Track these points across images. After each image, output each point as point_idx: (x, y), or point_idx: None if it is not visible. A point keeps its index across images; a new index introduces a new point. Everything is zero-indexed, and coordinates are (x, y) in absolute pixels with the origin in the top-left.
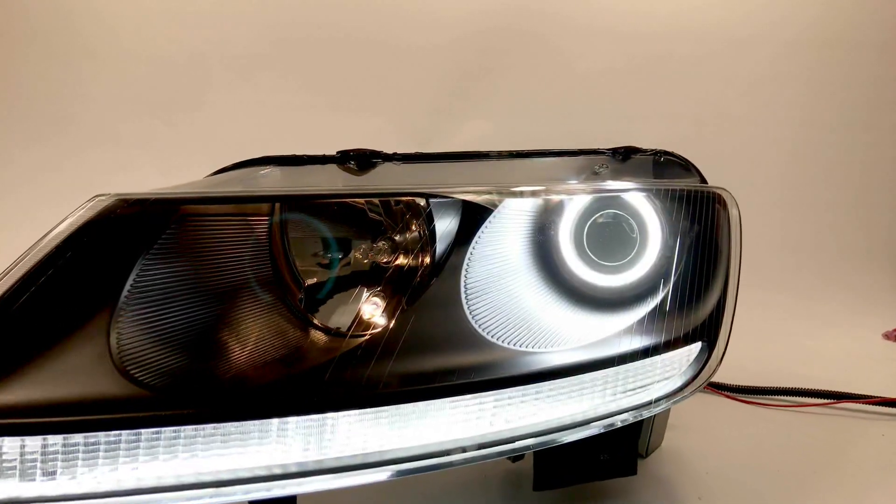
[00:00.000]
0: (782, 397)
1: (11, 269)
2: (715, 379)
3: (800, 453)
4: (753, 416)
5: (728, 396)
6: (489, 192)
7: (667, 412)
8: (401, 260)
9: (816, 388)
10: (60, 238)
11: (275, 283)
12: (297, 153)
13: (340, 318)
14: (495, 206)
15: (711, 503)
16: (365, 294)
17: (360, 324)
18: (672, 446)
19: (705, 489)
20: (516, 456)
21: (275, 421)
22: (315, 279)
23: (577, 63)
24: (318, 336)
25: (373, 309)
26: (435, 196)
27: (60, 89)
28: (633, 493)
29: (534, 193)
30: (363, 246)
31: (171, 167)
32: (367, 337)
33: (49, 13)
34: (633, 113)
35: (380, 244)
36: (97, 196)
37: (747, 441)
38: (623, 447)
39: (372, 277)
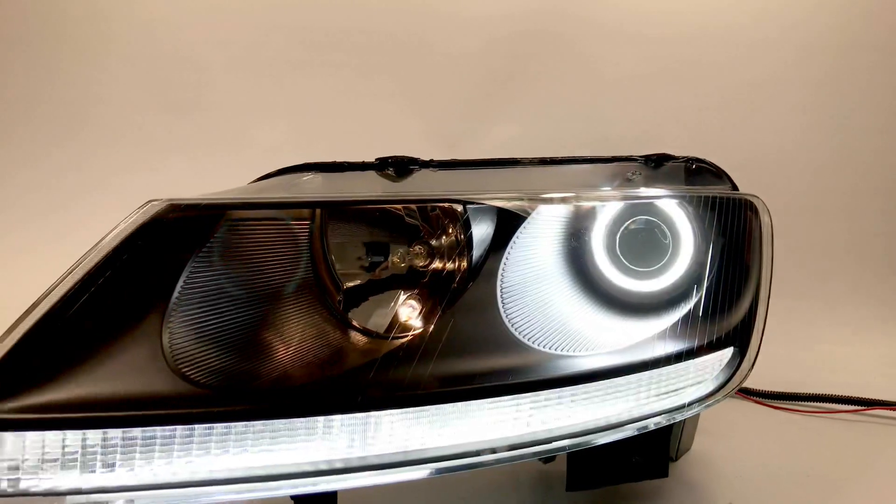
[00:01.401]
0: (813, 403)
1: (72, 271)
2: (745, 385)
3: (831, 459)
4: (784, 422)
5: (758, 402)
6: (521, 199)
7: (697, 416)
8: (437, 264)
9: (847, 395)
10: (117, 241)
11: (315, 285)
12: (337, 160)
13: (379, 320)
14: (529, 212)
15: None
16: (403, 297)
17: (399, 326)
18: (702, 450)
19: (736, 493)
20: (548, 458)
21: (321, 419)
22: (354, 282)
23: (604, 68)
24: (359, 337)
25: (411, 311)
26: (471, 202)
27: (95, 90)
28: (663, 496)
29: (566, 200)
30: (400, 250)
31: (203, 169)
32: (407, 338)
33: (85, 15)
34: (659, 118)
35: (416, 249)
36: (150, 201)
37: (777, 446)
38: (655, 450)
39: (409, 281)
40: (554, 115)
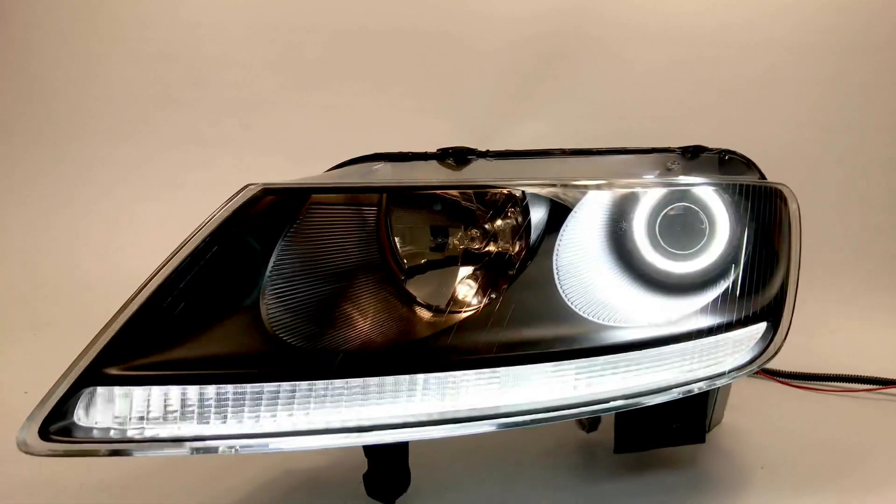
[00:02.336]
0: (833, 383)
1: (182, 247)
2: (768, 366)
3: (853, 432)
4: (806, 400)
5: (781, 382)
6: (573, 186)
7: (727, 392)
8: (491, 247)
9: (864, 375)
10: (221, 219)
11: (381, 265)
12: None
13: (440, 297)
14: (579, 198)
15: (774, 472)
16: (461, 276)
17: (457, 302)
18: (732, 423)
19: (767, 460)
20: (592, 427)
21: (405, 377)
22: (415, 262)
23: (635, 66)
24: (424, 312)
25: (467, 289)
26: (523, 188)
27: (147, 91)
28: (700, 462)
29: (612, 186)
30: (459, 233)
31: (249, 166)
32: (476, 310)
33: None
34: (686, 114)
35: (472, 232)
36: (247, 185)
37: (802, 421)
38: (693, 417)
39: (466, 261)
40: (584, 113)
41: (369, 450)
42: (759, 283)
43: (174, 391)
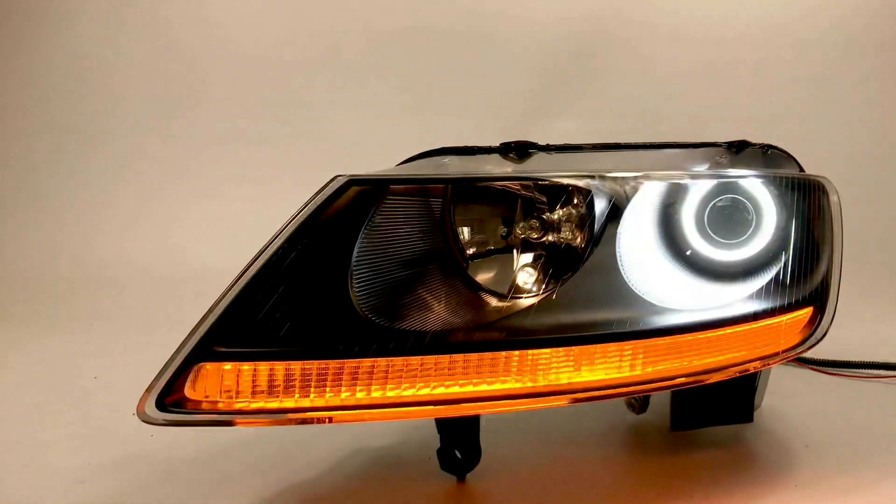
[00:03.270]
0: (864, 370)
1: (278, 235)
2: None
3: (884, 415)
4: (840, 386)
5: (815, 369)
6: (633, 177)
7: (767, 378)
8: (549, 237)
9: (892, 361)
10: (314, 206)
11: (448, 254)
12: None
13: (502, 283)
14: (637, 189)
15: (817, 450)
16: (521, 263)
17: (522, 287)
18: (771, 407)
19: (810, 439)
20: (642, 408)
21: (488, 355)
22: (476, 251)
23: (661, 67)
24: (490, 297)
25: (531, 275)
26: (581, 180)
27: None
28: (747, 441)
29: (668, 178)
30: (520, 223)
31: (288, 164)
32: (549, 294)
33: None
34: (714, 115)
35: (532, 222)
36: (336, 176)
37: (837, 405)
38: (742, 398)
39: (528, 250)
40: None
41: (442, 426)
42: (805, 271)
43: (278, 367)
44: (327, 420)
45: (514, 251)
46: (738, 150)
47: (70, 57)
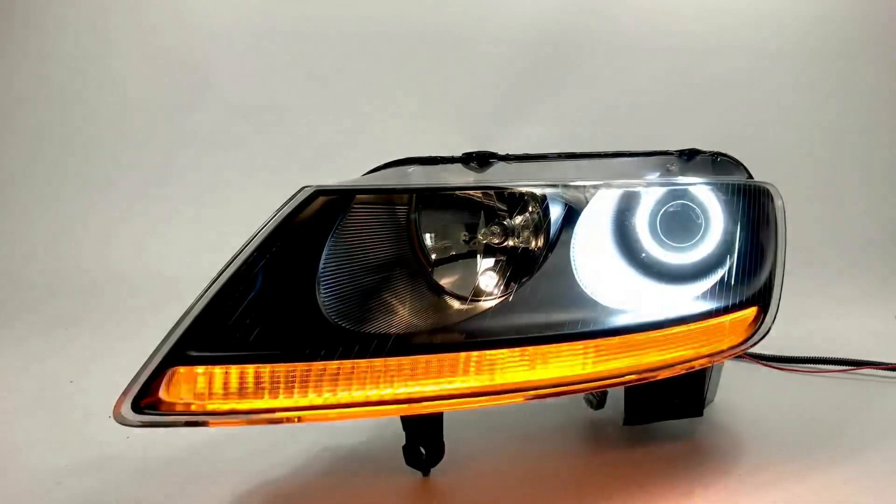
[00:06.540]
0: (809, 365)
1: (249, 243)
2: (752, 350)
3: (830, 408)
4: (786, 381)
5: (765, 364)
6: (586, 186)
7: (720, 374)
8: (510, 242)
9: (839, 357)
10: (284, 215)
11: (413, 259)
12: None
13: (464, 286)
14: (590, 196)
15: (765, 441)
16: (483, 267)
17: (484, 290)
18: (723, 400)
19: (758, 431)
20: (600, 403)
21: (447, 356)
22: (441, 256)
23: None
24: (453, 301)
25: (492, 279)
26: (540, 189)
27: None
28: (700, 434)
29: (622, 186)
30: (481, 230)
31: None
32: (504, 297)
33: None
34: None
35: (493, 228)
36: (304, 187)
37: (785, 398)
38: (692, 393)
39: (488, 254)
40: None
41: (407, 424)
42: (750, 272)
43: (249, 369)
44: (296, 419)
45: (477, 256)
46: (690, 158)
47: (46, 61)
